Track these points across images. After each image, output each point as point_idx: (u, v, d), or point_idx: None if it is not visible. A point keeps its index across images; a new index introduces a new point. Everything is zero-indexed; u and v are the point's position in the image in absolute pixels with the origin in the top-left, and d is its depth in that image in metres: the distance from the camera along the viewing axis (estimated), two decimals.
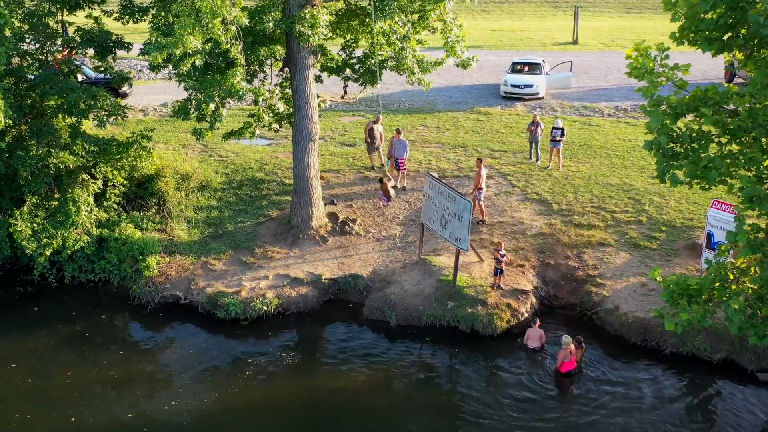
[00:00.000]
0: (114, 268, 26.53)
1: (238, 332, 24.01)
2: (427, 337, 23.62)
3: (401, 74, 27.77)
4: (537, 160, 33.41)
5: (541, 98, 43.44)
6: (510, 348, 23.01)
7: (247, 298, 24.65)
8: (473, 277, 25.14)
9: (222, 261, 26.66)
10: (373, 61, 27.35)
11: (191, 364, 22.39)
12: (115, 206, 28.33)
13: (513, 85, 43.28)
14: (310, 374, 21.98)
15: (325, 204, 29.15)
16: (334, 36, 28.22)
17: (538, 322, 23.17)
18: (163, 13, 24.63)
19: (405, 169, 31.18)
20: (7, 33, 24.53)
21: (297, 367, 22.33)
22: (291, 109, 28.42)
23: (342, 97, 42.71)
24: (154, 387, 21.40)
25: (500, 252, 24.30)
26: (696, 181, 15.12)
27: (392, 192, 24.87)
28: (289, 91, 28.46)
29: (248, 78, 26.94)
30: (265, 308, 24.49)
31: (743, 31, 14.07)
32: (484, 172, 28.02)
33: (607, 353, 22.69)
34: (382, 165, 32.79)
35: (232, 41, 23.07)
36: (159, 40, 21.77)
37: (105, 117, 27.62)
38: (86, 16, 28.01)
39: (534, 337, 22.93)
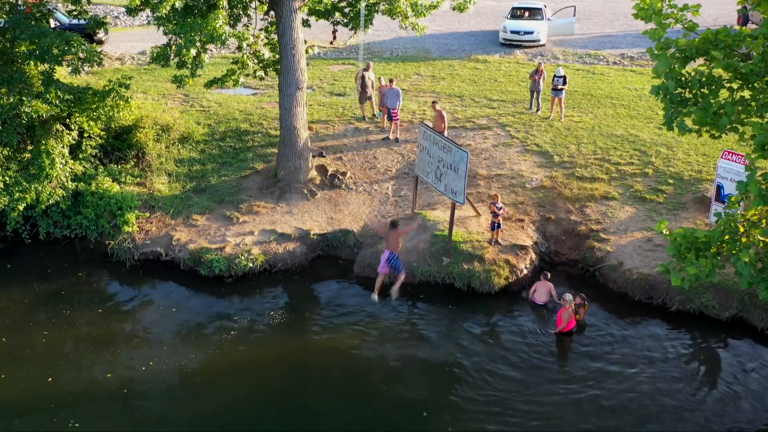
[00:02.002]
0: (91, 223, 26.41)
1: (222, 290, 24.00)
2: (421, 295, 23.64)
3: (394, 18, 27.53)
4: (538, 110, 33.29)
5: (542, 45, 43.21)
6: (508, 305, 23.07)
7: (232, 255, 24.61)
8: (470, 232, 25.12)
9: (205, 216, 26.58)
10: (364, 4, 27.08)
11: (173, 323, 22.39)
12: (92, 159, 28.11)
13: (512, 32, 43.00)
14: (298, 333, 22.01)
15: (313, 156, 29.02)
16: None
17: (548, 276, 23.22)
18: None
19: (398, 119, 31.01)
20: None
21: (284, 326, 22.36)
22: (277, 56, 28.19)
23: (331, 43, 42.50)
24: (133, 347, 21.40)
25: (497, 205, 24.24)
26: (705, 128, 15.04)
27: (400, 243, 22.51)
28: (274, 36, 28.21)
29: (231, 22, 26.70)
30: (251, 265, 24.46)
31: None
32: (446, 115, 27.79)
33: (611, 311, 22.76)
34: (374, 116, 32.63)
35: None
36: None
37: (80, 64, 27.34)
38: None
39: (542, 291, 22.98)
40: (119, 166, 28.50)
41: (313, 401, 18.95)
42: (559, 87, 31.91)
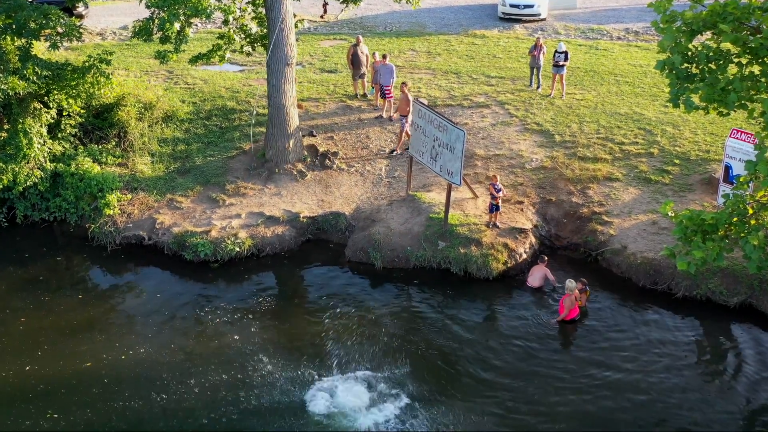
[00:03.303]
0: (70, 206, 26.30)
1: (208, 275, 23.95)
2: (415, 280, 23.61)
3: None
4: (538, 87, 33.16)
5: (543, 20, 43.02)
6: (507, 292, 23.05)
7: (218, 238, 24.52)
8: (466, 214, 25.04)
9: (190, 198, 26.48)
10: None
11: (156, 309, 22.33)
12: (71, 138, 27.97)
13: (512, 5, 42.77)
14: (287, 320, 21.97)
15: (303, 135, 28.89)
16: None
17: (546, 260, 23.20)
18: None
19: (392, 97, 30.87)
20: None
21: (272, 312, 22.30)
22: (265, 30, 28.03)
23: (322, 17, 42.29)
24: (114, 334, 21.35)
25: (495, 186, 24.15)
26: (713, 105, 14.99)
27: None
28: (262, 9, 28.01)
29: None
30: (238, 249, 24.38)
31: None
32: (411, 97, 27.72)
33: (614, 297, 22.75)
34: (365, 95, 32.49)
35: None
36: None
37: (58, 39, 27.14)
38: None
39: (537, 275, 22.98)
40: (100, 146, 28.34)
41: (303, 389, 18.91)
42: (561, 63, 31.77)
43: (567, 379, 19.41)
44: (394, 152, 28.34)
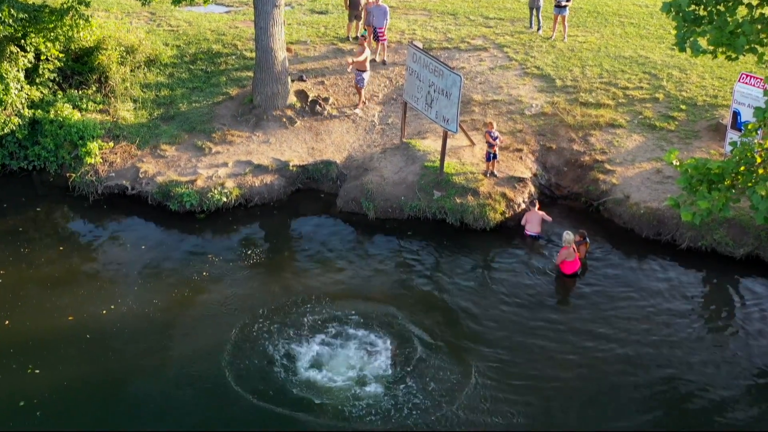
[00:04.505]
0: (50, 154, 26.14)
1: (194, 226, 23.89)
2: (409, 231, 23.62)
3: None
4: (538, 29, 32.97)
5: None
6: (505, 243, 23.08)
7: (204, 188, 24.44)
8: (463, 163, 24.98)
9: (174, 146, 26.34)
10: None
11: (139, 262, 22.28)
12: (50, 83, 27.70)
13: None
14: (276, 273, 21.97)
15: (292, 80, 28.71)
16: None
17: (537, 205, 23.23)
18: None
19: (385, 40, 30.65)
20: None
21: (261, 265, 22.29)
22: None
23: None
24: (97, 288, 21.30)
25: (492, 134, 24.06)
26: (721, 49, 14.91)
27: None
28: None
29: None
30: (225, 199, 24.32)
31: None
32: (367, 52, 27.48)
33: (616, 249, 22.80)
34: (356, 37, 32.24)
35: None
36: None
37: None
38: None
39: (534, 221, 23.01)
40: (80, 92, 28.13)
41: (292, 346, 18.94)
42: (563, 4, 31.55)
43: (566, 334, 19.44)
44: (357, 107, 28.11)
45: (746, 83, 23.43)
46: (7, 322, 19.88)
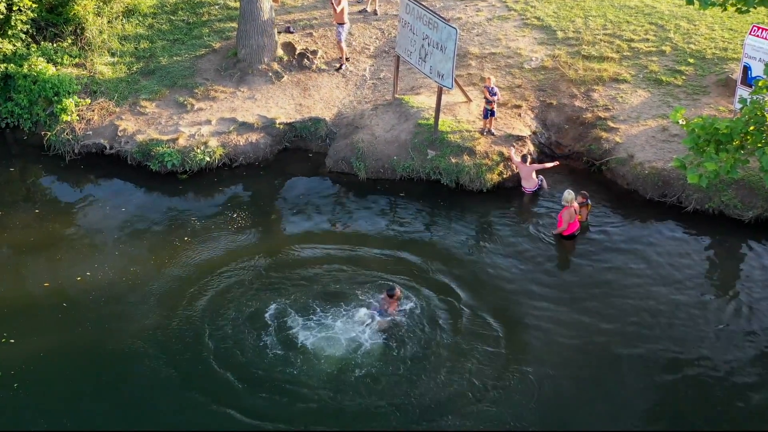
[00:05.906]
0: (24, 111, 26.00)
1: (176, 188, 23.87)
2: (402, 193, 23.60)
3: None
4: None
5: None
6: (502, 204, 23.07)
7: (186, 147, 24.34)
8: (459, 120, 24.88)
9: (155, 102, 26.20)
10: None
11: (119, 224, 22.28)
12: (23, 36, 27.45)
13: None
14: (263, 236, 22.00)
15: (278, 32, 28.51)
16: None
17: (529, 159, 23.28)
18: None
19: None
20: None
21: (247, 228, 22.26)
22: None
23: None
24: (74, 252, 21.32)
25: (490, 90, 23.92)
26: (731, 0, 14.75)
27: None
28: None
29: None
30: (208, 159, 24.23)
31: None
32: (344, 2, 27.23)
33: (619, 211, 22.79)
34: None
35: None
36: None
37: None
38: None
39: (527, 175, 23.09)
40: (54, 45, 27.93)
41: (280, 311, 18.93)
42: None
43: (565, 300, 19.50)
44: (342, 67, 27.87)
45: (758, 36, 23.26)
46: None
